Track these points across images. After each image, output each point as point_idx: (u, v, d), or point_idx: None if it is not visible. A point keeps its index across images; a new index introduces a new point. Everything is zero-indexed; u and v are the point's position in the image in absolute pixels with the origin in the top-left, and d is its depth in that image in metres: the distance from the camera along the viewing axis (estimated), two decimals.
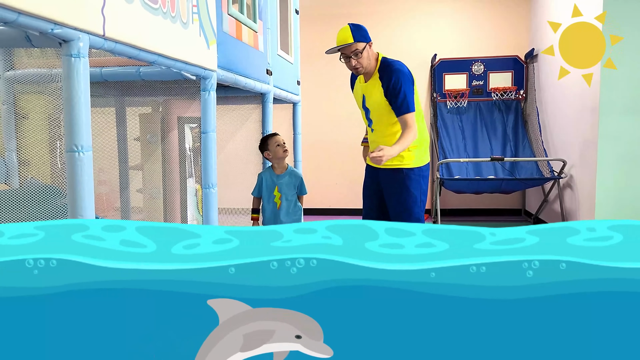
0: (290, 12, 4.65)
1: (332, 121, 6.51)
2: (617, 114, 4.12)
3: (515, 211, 6.46)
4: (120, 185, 3.52)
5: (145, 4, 2.02)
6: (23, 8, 1.40)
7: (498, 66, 6.31)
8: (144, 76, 2.75)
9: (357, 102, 2.91)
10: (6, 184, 2.54)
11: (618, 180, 4.15)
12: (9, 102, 2.59)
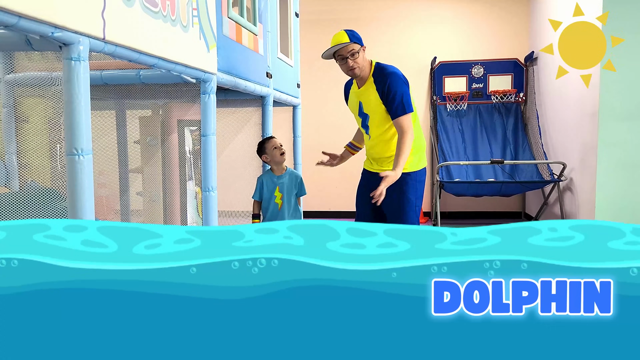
0: (290, 15, 4.66)
1: (332, 124, 6.51)
2: (616, 118, 4.13)
3: (515, 214, 6.46)
4: (120, 188, 3.52)
5: (146, 7, 2.02)
6: (23, 12, 1.40)
7: (498, 69, 6.31)
8: (144, 79, 2.75)
9: (353, 110, 2.90)
10: (6, 187, 2.54)
11: (618, 184, 4.15)
12: (9, 105, 2.59)
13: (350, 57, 2.65)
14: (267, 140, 3.35)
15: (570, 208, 4.98)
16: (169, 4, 2.21)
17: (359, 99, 2.78)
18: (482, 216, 6.39)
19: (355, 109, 2.86)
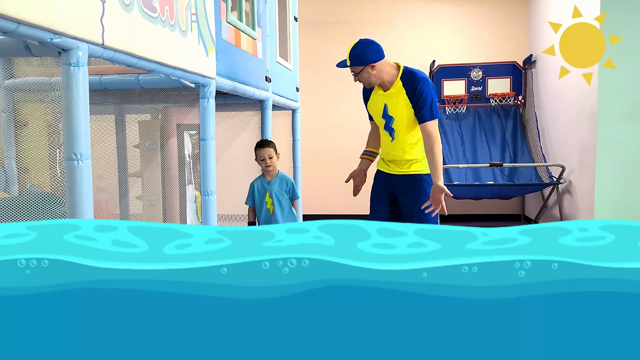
0: (289, 20, 4.67)
1: (331, 128, 6.52)
2: (615, 120, 4.14)
3: (515, 216, 6.46)
4: (120, 192, 3.52)
5: (144, 12, 2.03)
6: (23, 18, 1.41)
7: (496, 72, 6.33)
8: (143, 84, 2.76)
9: (375, 112, 2.89)
10: (5, 192, 2.55)
11: (617, 186, 4.16)
12: (8, 110, 2.60)
13: (355, 76, 2.76)
14: (258, 148, 3.34)
15: (570, 210, 4.99)
16: (167, 9, 2.22)
17: (384, 101, 2.80)
18: (481, 219, 6.40)
19: (378, 110, 2.86)
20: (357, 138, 5.89)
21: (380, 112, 2.85)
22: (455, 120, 6.31)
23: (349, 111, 6.45)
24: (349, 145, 5.78)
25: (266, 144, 3.33)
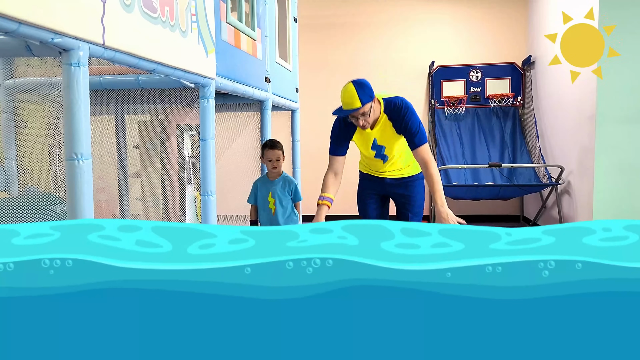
0: (289, 20, 4.68)
1: (330, 128, 6.51)
2: (614, 122, 4.15)
3: (514, 217, 6.47)
4: (120, 192, 3.53)
5: (145, 13, 2.04)
6: (24, 18, 1.42)
7: (495, 73, 6.34)
8: (143, 84, 2.76)
9: (363, 145, 2.83)
10: (6, 192, 2.55)
11: (615, 187, 4.17)
12: (9, 110, 2.60)
13: (362, 117, 2.60)
14: (268, 149, 3.29)
15: (568, 211, 4.99)
16: (167, 9, 2.22)
17: (372, 136, 2.76)
18: (480, 220, 6.40)
19: (367, 143, 2.80)
20: None
21: (369, 145, 2.80)
22: (455, 121, 6.32)
23: None
24: None
25: (276, 146, 3.28)
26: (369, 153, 2.85)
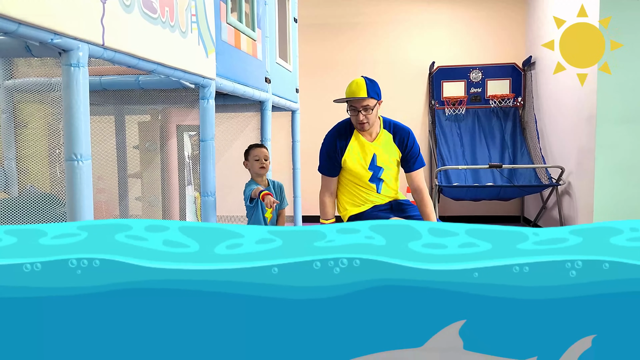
0: (289, 21, 4.68)
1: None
2: (614, 122, 4.14)
3: (514, 218, 6.47)
4: (119, 193, 3.52)
5: (145, 13, 2.03)
6: (23, 19, 1.41)
7: (496, 74, 6.34)
8: (143, 85, 2.76)
9: (360, 164, 2.65)
10: (5, 192, 2.55)
11: (616, 188, 4.17)
12: (8, 110, 2.60)
13: (363, 111, 2.53)
14: (252, 148, 3.09)
15: (569, 211, 4.99)
16: (167, 10, 2.22)
17: (372, 151, 2.62)
18: (480, 220, 6.40)
19: (364, 162, 2.65)
20: None
21: (366, 164, 2.63)
22: (455, 122, 6.32)
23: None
24: None
25: (263, 145, 3.16)
26: (364, 174, 2.64)
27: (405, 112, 6.52)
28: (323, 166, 2.73)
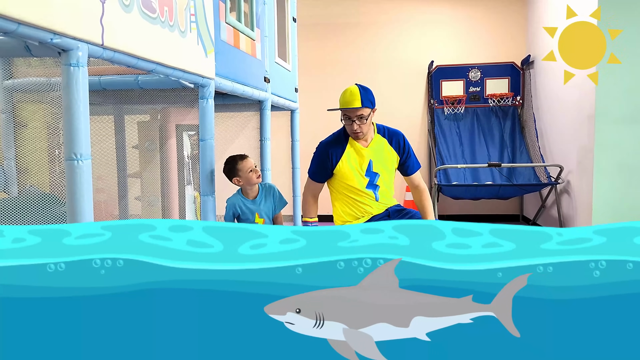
0: (288, 20, 4.68)
1: (330, 129, 6.51)
2: (613, 121, 4.15)
3: (513, 217, 6.47)
4: (119, 192, 3.53)
5: (144, 13, 2.04)
6: (23, 18, 1.42)
7: (495, 73, 6.34)
8: (142, 84, 2.76)
9: (356, 171, 2.64)
10: (5, 192, 2.55)
11: (615, 187, 4.17)
12: (8, 110, 2.60)
13: (358, 121, 2.52)
14: (241, 160, 2.80)
15: (568, 211, 5.00)
16: (167, 9, 2.22)
17: (369, 157, 2.62)
18: (480, 219, 6.40)
19: (360, 168, 2.63)
20: None
21: (363, 170, 2.62)
22: (454, 121, 6.32)
23: None
24: None
25: (245, 155, 2.87)
26: (361, 182, 2.63)
27: (404, 111, 6.52)
28: (313, 172, 2.73)
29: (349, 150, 2.65)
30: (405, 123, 6.55)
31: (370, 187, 2.67)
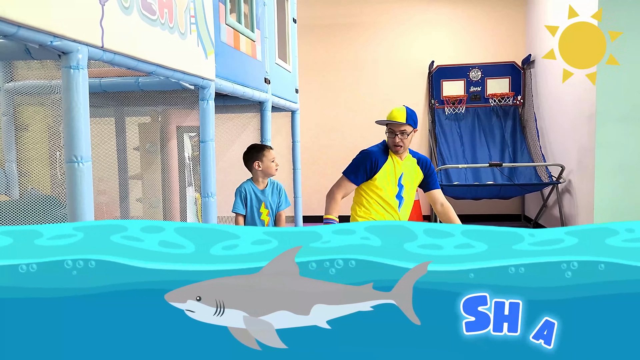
0: (288, 21, 4.68)
1: (330, 129, 6.52)
2: (614, 121, 4.14)
3: (515, 216, 6.46)
4: (120, 194, 3.53)
5: (144, 15, 2.04)
6: (22, 21, 1.42)
7: (495, 72, 6.33)
8: (142, 86, 2.76)
9: (389, 179, 2.91)
10: (6, 195, 2.55)
11: (616, 186, 4.17)
12: (9, 113, 2.61)
13: (400, 135, 2.83)
14: (267, 149, 3.05)
15: (569, 210, 4.99)
16: (166, 11, 2.22)
17: (401, 169, 2.93)
18: (481, 219, 6.40)
19: (394, 178, 2.92)
20: (357, 139, 5.89)
21: (395, 180, 2.93)
22: (455, 121, 6.32)
23: (348, 113, 6.46)
24: (348, 147, 5.78)
25: (271, 147, 3.13)
26: (392, 191, 2.92)
27: None
28: (353, 173, 2.90)
29: (389, 160, 2.92)
30: None
31: (398, 198, 2.95)
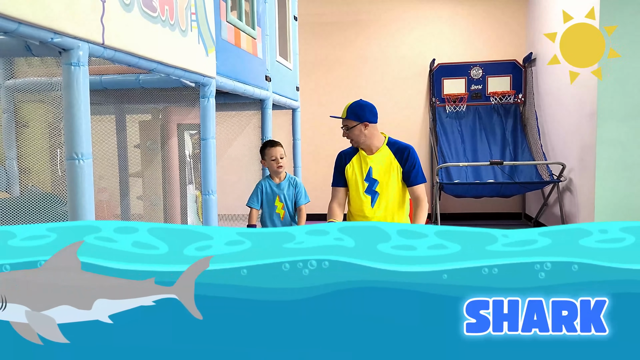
0: (289, 19, 4.67)
1: (331, 127, 6.51)
2: (615, 119, 4.14)
3: (516, 215, 6.46)
4: (121, 192, 3.53)
5: (144, 12, 2.03)
6: (23, 18, 1.42)
7: (496, 70, 6.33)
8: (143, 84, 2.76)
9: (356, 175, 2.88)
10: (7, 192, 2.55)
11: (617, 184, 4.16)
12: (9, 110, 2.60)
13: (345, 130, 2.84)
14: (268, 147, 3.13)
15: (570, 208, 4.99)
16: (167, 8, 2.22)
17: (368, 164, 2.86)
18: (482, 217, 6.40)
19: (360, 174, 2.87)
20: None
21: (362, 175, 2.87)
22: (456, 119, 6.31)
23: None
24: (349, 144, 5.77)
25: (277, 143, 3.17)
26: (361, 187, 2.85)
27: (405, 109, 6.52)
28: (333, 177, 2.96)
29: (356, 156, 2.89)
30: (407, 121, 6.55)
31: (368, 193, 2.86)
